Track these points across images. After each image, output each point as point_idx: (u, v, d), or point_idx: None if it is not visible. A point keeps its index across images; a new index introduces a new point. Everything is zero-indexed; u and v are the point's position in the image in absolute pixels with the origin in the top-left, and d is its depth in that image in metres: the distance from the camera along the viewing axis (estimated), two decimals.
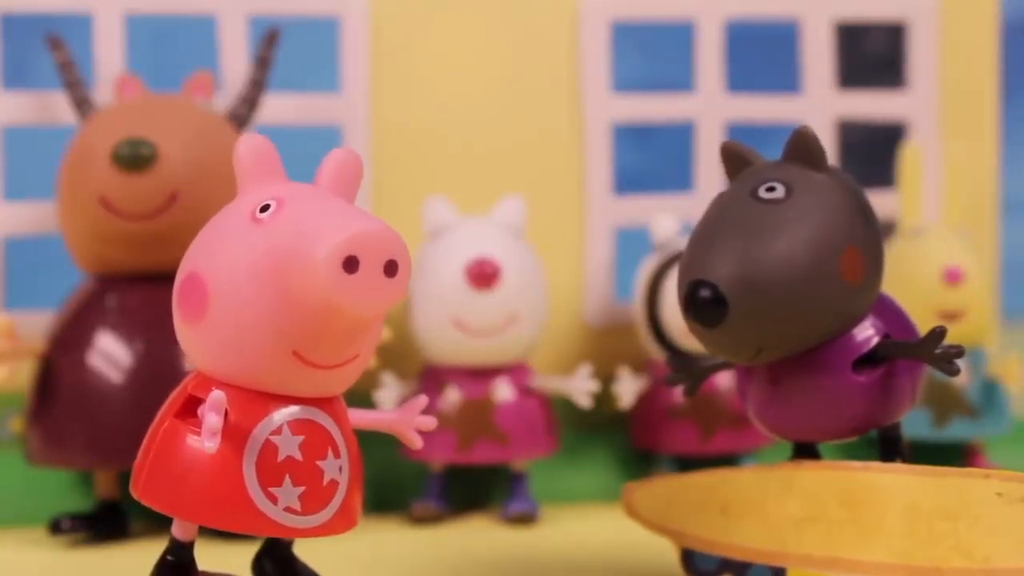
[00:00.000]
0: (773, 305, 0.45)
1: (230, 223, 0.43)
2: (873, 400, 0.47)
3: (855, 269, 0.46)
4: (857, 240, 0.46)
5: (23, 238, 0.74)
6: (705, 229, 0.47)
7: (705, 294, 0.45)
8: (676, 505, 0.53)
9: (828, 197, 0.46)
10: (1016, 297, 0.89)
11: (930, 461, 0.48)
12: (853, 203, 0.47)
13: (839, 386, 0.47)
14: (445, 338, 0.68)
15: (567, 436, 0.74)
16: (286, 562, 0.48)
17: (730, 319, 0.45)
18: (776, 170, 0.48)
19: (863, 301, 0.47)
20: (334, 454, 0.44)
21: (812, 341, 0.47)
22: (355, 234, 0.40)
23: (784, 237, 0.45)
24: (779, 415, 0.49)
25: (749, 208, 0.46)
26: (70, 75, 0.69)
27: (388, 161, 0.77)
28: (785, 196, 0.46)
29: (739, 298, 0.45)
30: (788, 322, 0.45)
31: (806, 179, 0.47)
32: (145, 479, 0.43)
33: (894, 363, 0.47)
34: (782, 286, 0.45)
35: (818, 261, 0.45)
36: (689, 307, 0.46)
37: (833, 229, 0.46)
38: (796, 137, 0.48)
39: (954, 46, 0.83)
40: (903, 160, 0.77)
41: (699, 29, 0.80)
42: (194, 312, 0.42)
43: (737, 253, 0.45)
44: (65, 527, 0.64)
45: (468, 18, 0.78)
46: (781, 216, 0.46)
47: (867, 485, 0.47)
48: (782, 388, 0.48)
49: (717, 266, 0.45)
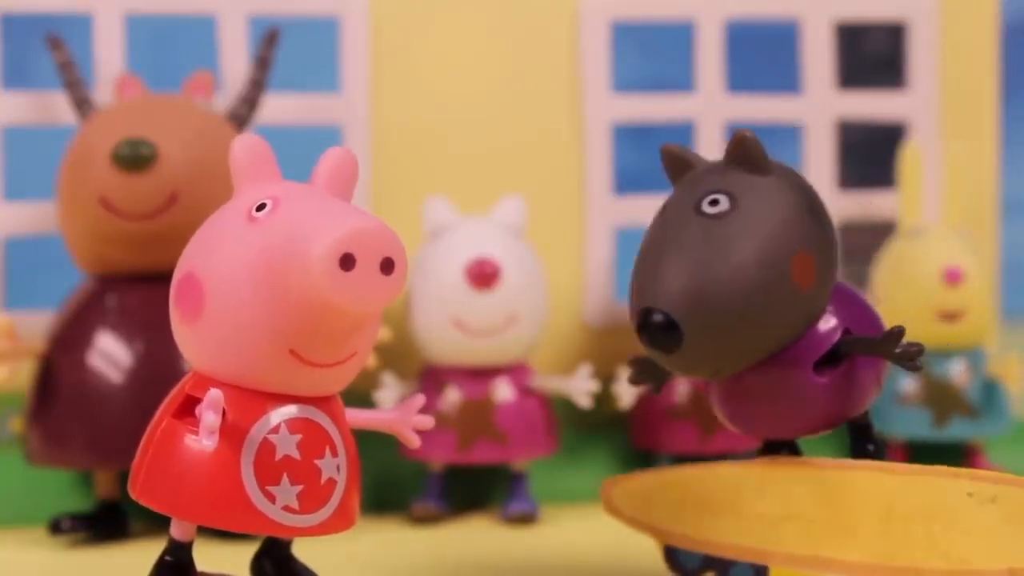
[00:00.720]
0: (728, 324, 0.44)
1: (226, 222, 0.43)
2: (837, 397, 0.47)
3: (808, 274, 0.45)
4: (807, 244, 0.45)
5: (23, 238, 0.74)
6: (652, 249, 0.46)
7: (658, 319, 0.44)
8: (655, 501, 0.52)
9: (774, 203, 0.46)
10: (1016, 297, 0.89)
11: (930, 461, 0.48)
12: (801, 204, 0.46)
13: (802, 386, 0.47)
14: (445, 338, 0.68)
15: (567, 436, 0.74)
16: (285, 562, 0.48)
17: (686, 343, 0.44)
18: (718, 179, 0.47)
19: (819, 303, 0.46)
20: (332, 453, 0.44)
21: (771, 351, 0.46)
22: (351, 231, 0.40)
23: (732, 254, 0.44)
24: (744, 415, 0.48)
25: (694, 225, 0.45)
26: (70, 75, 0.69)
27: (388, 161, 0.77)
28: (729, 208, 0.45)
29: (692, 322, 0.44)
30: (743, 339, 0.45)
31: (750, 186, 0.46)
32: (143, 479, 0.43)
33: (856, 357, 0.47)
34: (735, 304, 0.44)
35: (769, 273, 0.44)
36: (643, 333, 0.45)
37: (782, 237, 0.45)
38: (736, 141, 0.47)
39: (954, 46, 0.83)
40: (903, 160, 0.77)
41: (699, 29, 0.80)
42: (191, 312, 0.42)
43: (686, 275, 0.44)
44: (65, 527, 0.64)
45: (468, 18, 0.78)
46: (727, 231, 0.45)
47: (841, 484, 0.47)
48: (745, 388, 0.48)
49: (667, 290, 0.45)
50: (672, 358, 0.45)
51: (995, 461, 0.76)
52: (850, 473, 0.47)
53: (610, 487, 0.55)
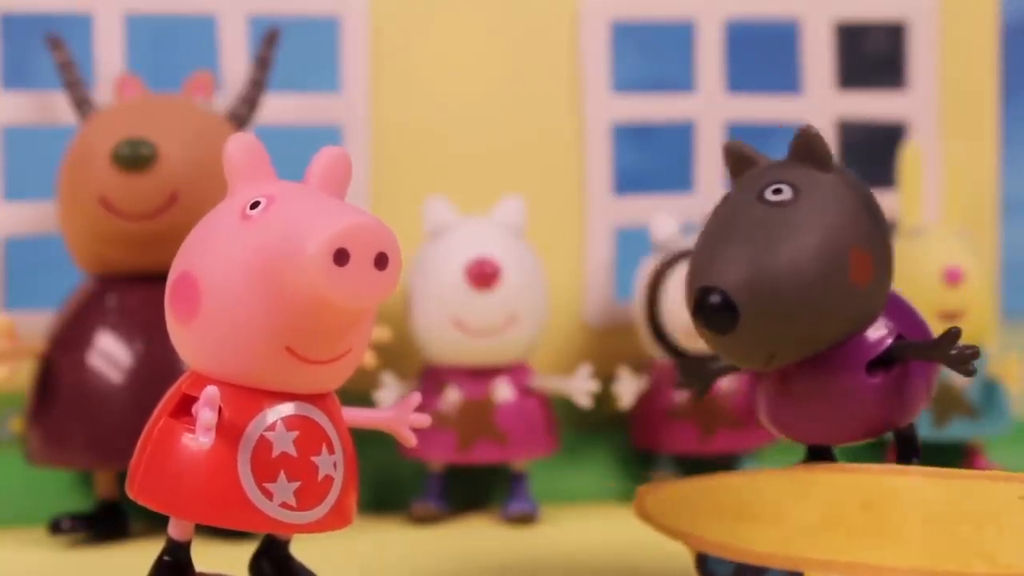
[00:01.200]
0: (784, 310, 0.44)
1: (220, 222, 0.43)
2: (887, 402, 0.47)
3: (864, 271, 0.45)
4: (865, 241, 0.46)
5: (23, 238, 0.74)
6: (712, 233, 0.46)
7: (715, 300, 0.44)
8: (689, 509, 0.52)
9: (835, 198, 0.46)
10: (1016, 297, 0.89)
11: (930, 461, 0.48)
12: (860, 203, 0.46)
13: (853, 388, 0.46)
14: (445, 338, 0.68)
15: (567, 436, 0.74)
16: (283, 562, 0.48)
17: (741, 325, 0.44)
18: (781, 171, 0.47)
19: (874, 303, 0.46)
20: (328, 450, 0.44)
21: (824, 345, 0.46)
22: (345, 227, 0.40)
23: (792, 241, 0.44)
24: (791, 417, 0.48)
25: (756, 211, 0.46)
26: (70, 75, 0.69)
27: (388, 161, 0.77)
28: (792, 198, 0.45)
29: (749, 304, 0.44)
30: (799, 327, 0.45)
31: (812, 180, 0.46)
32: (141, 479, 0.43)
33: (908, 364, 0.47)
34: (792, 291, 0.44)
35: (827, 264, 0.44)
36: (699, 314, 0.45)
37: (841, 231, 0.45)
38: (801, 136, 0.47)
39: (954, 46, 0.83)
40: (903, 160, 0.77)
41: (699, 29, 0.80)
42: (187, 311, 0.42)
43: (746, 258, 0.44)
44: (65, 527, 0.64)
45: (468, 18, 0.78)
46: (789, 219, 0.45)
47: (886, 489, 0.46)
48: (794, 390, 0.47)
49: (726, 272, 0.44)
50: (726, 340, 0.45)
51: (995, 461, 0.76)
52: (894, 479, 0.46)
53: (644, 494, 0.54)
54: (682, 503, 0.52)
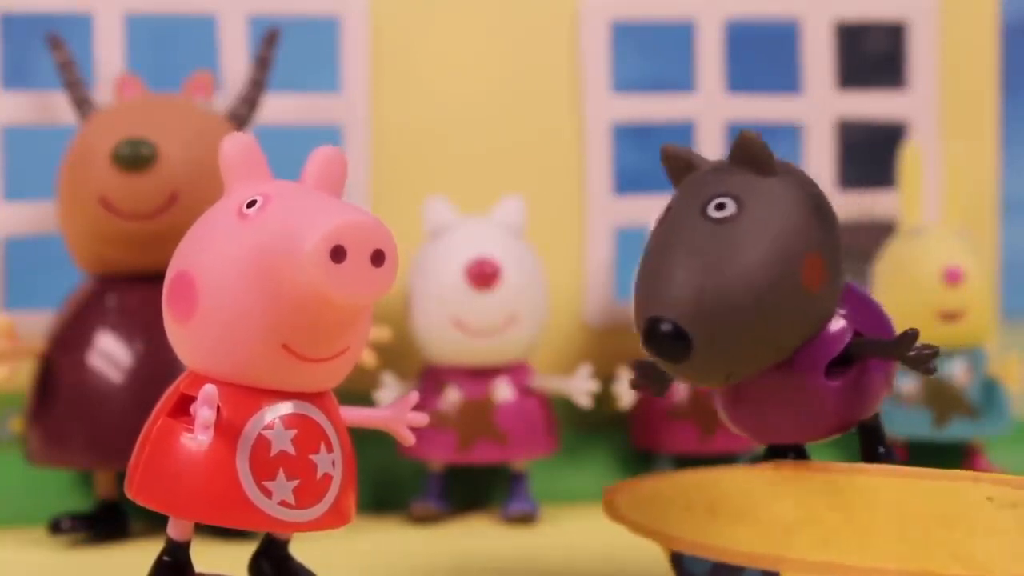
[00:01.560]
0: (738, 331, 0.43)
1: (217, 221, 0.43)
2: (847, 400, 0.46)
3: (817, 276, 0.44)
4: (816, 245, 0.44)
5: (23, 238, 0.74)
6: (657, 254, 0.45)
7: (666, 329, 0.43)
8: (661, 507, 0.51)
9: (781, 205, 0.44)
10: (1016, 297, 0.89)
11: (930, 461, 0.48)
12: (808, 205, 0.45)
13: (812, 390, 0.46)
14: (445, 338, 0.68)
15: (567, 436, 0.74)
16: (283, 562, 0.48)
17: (695, 353, 0.43)
18: (723, 180, 0.46)
19: (828, 304, 0.46)
20: (327, 448, 0.44)
21: (780, 357, 0.45)
22: (341, 224, 0.40)
23: (741, 258, 0.43)
24: (751, 419, 0.48)
25: (700, 230, 0.44)
26: (70, 75, 0.69)
27: (388, 161, 0.77)
28: (736, 212, 0.44)
29: (701, 331, 0.43)
30: (754, 345, 0.44)
31: (756, 188, 0.45)
32: (139, 479, 0.44)
33: (866, 360, 0.46)
34: (744, 311, 0.43)
35: (779, 278, 0.43)
36: (651, 344, 0.44)
37: (790, 240, 0.44)
38: (740, 141, 0.46)
39: (954, 46, 0.83)
40: (903, 160, 0.77)
41: (699, 29, 0.80)
42: (184, 311, 0.42)
43: (693, 283, 0.43)
44: (65, 527, 0.64)
45: (468, 18, 0.78)
46: (735, 236, 0.44)
47: (857, 488, 0.46)
48: (753, 392, 0.47)
49: (674, 298, 0.43)
50: (681, 367, 0.44)
51: (995, 461, 0.76)
52: (867, 478, 0.46)
53: (612, 493, 0.53)
54: (651, 501, 0.52)
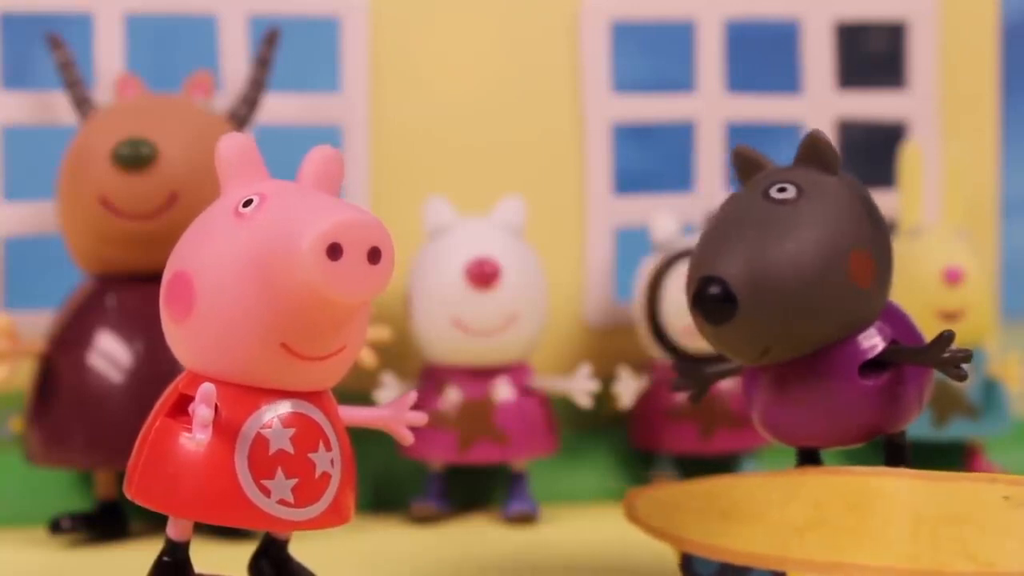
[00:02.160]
0: (782, 304, 0.45)
1: (214, 220, 0.43)
2: (880, 406, 0.47)
3: (864, 273, 0.46)
4: (867, 244, 0.46)
5: (23, 238, 0.74)
6: (716, 227, 0.47)
7: (715, 291, 0.45)
8: (678, 511, 0.52)
9: (838, 200, 0.46)
10: (1016, 297, 0.89)
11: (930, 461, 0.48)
12: (863, 207, 0.47)
13: (846, 391, 0.47)
14: (445, 338, 0.68)
15: (567, 436, 0.74)
16: (283, 562, 0.48)
17: (738, 316, 0.45)
18: (788, 172, 0.48)
19: (872, 305, 0.47)
20: (325, 447, 0.44)
21: (819, 343, 0.46)
22: (338, 222, 0.40)
23: (794, 237, 0.45)
24: (785, 420, 0.48)
25: (760, 207, 0.46)
26: (70, 75, 0.69)
27: (388, 161, 0.77)
28: (796, 197, 0.46)
29: (748, 295, 0.44)
30: (796, 322, 0.45)
31: (817, 182, 0.47)
32: (138, 479, 0.44)
33: (901, 369, 0.47)
34: (791, 285, 0.45)
35: (827, 262, 0.45)
36: (698, 303, 0.45)
37: (843, 232, 0.46)
38: (808, 141, 0.48)
39: (954, 46, 0.83)
40: (903, 160, 0.77)
41: (699, 29, 0.80)
42: (181, 310, 0.42)
43: (747, 251, 0.45)
44: (65, 527, 0.64)
45: (468, 18, 0.78)
46: (792, 216, 0.46)
47: (873, 490, 0.46)
48: (788, 392, 0.48)
49: (727, 263, 0.45)
50: (722, 330, 0.45)
51: (995, 461, 0.76)
52: (879, 480, 0.46)
53: (634, 497, 0.54)
54: (670, 505, 0.53)
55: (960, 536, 0.44)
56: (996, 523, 0.44)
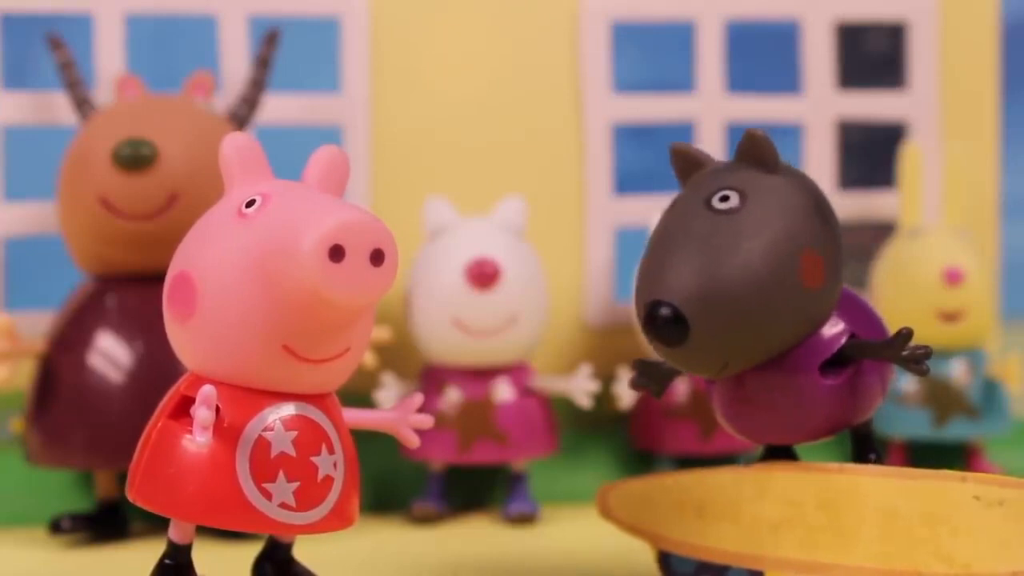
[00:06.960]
0: (735, 320, 0.44)
1: (216, 221, 0.43)
2: (842, 401, 0.47)
3: (815, 274, 0.45)
4: (816, 244, 0.45)
5: (23, 238, 0.74)
6: (660, 243, 0.46)
7: (665, 313, 0.44)
8: (651, 506, 0.52)
9: (783, 202, 0.45)
10: (1016, 297, 0.89)
11: (930, 461, 0.48)
12: (810, 204, 0.46)
13: (807, 389, 0.46)
14: (445, 338, 0.68)
15: (567, 436, 0.74)
16: (286, 565, 0.48)
17: (692, 337, 0.44)
18: (728, 175, 0.46)
19: (826, 304, 0.46)
20: (328, 450, 0.44)
21: (777, 351, 0.46)
22: (340, 223, 0.40)
23: (742, 249, 0.44)
24: (746, 418, 0.48)
25: (704, 219, 0.45)
26: (70, 75, 0.69)
27: (388, 161, 0.77)
28: (739, 205, 0.45)
29: (699, 316, 0.44)
30: (751, 335, 0.45)
31: (760, 183, 0.46)
32: (140, 481, 0.43)
33: (861, 362, 0.47)
34: (743, 300, 0.44)
35: (778, 271, 0.44)
36: (649, 327, 0.45)
37: (791, 235, 0.45)
38: (747, 139, 0.47)
39: (954, 46, 0.83)
40: (903, 160, 0.77)
41: (699, 29, 0.80)
42: (184, 311, 0.42)
43: (694, 269, 0.44)
44: (65, 527, 0.64)
45: (468, 18, 0.78)
46: (737, 227, 0.45)
47: (844, 488, 0.46)
48: (749, 391, 0.47)
49: (675, 283, 0.44)
50: (677, 352, 0.45)
51: (995, 461, 0.76)
52: (852, 477, 0.46)
53: (607, 491, 0.54)
54: (643, 501, 0.53)
55: (934, 536, 0.44)
56: (969, 523, 0.44)
